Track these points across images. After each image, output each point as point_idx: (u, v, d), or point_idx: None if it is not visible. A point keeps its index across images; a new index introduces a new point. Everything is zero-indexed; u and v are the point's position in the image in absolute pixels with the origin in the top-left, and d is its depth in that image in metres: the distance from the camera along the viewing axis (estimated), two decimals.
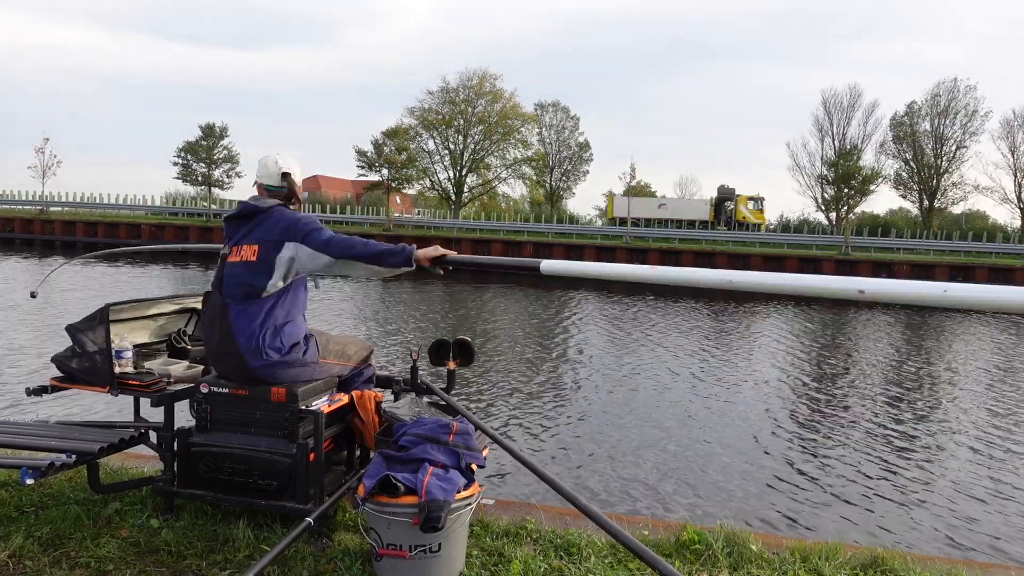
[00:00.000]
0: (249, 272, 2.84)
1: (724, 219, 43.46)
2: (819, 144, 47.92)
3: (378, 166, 47.31)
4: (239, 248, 2.90)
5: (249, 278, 2.83)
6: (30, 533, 2.83)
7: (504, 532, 3.09)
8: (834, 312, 22.71)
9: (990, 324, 21.10)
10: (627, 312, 20.14)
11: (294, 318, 2.91)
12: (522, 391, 9.47)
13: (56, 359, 3.16)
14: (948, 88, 45.00)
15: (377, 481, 2.53)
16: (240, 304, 2.83)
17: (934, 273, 30.35)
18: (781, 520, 5.75)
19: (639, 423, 8.26)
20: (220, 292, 2.89)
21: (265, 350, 2.79)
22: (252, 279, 2.83)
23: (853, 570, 2.89)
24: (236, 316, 2.82)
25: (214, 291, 2.94)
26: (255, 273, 2.83)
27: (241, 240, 2.91)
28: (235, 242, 2.93)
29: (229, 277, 2.88)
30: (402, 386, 3.50)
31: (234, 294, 2.85)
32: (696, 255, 32.61)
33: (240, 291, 2.84)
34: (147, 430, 3.06)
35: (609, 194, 47.98)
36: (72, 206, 42.01)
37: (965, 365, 13.78)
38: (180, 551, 2.74)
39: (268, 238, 2.85)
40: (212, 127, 48.96)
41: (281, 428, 2.83)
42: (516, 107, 50.85)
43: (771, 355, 13.77)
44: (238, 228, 2.95)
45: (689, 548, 2.98)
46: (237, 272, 2.86)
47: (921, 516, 5.96)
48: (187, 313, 3.78)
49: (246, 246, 2.88)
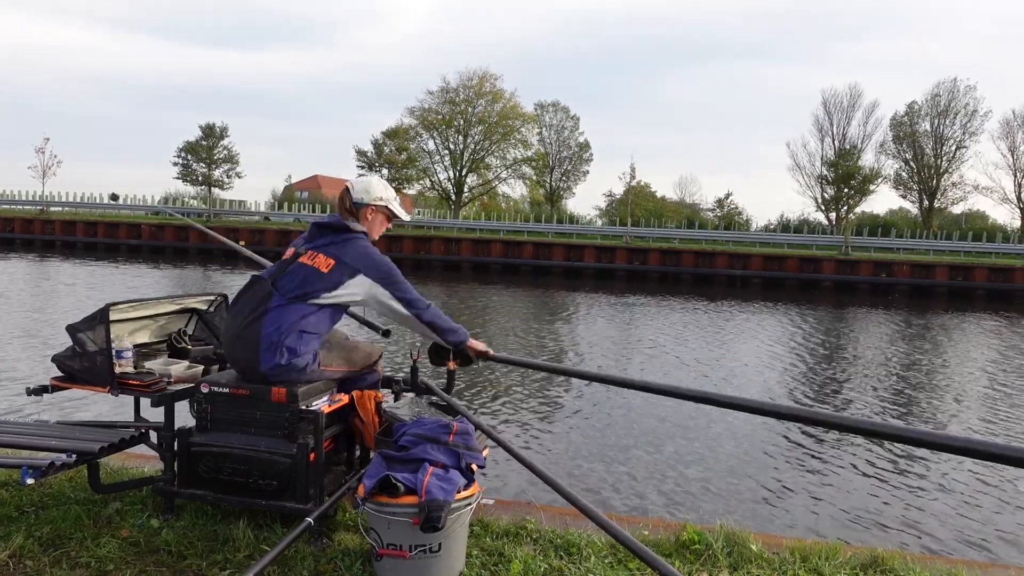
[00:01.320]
0: (315, 278, 2.86)
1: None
2: (819, 144, 48.01)
3: (378, 166, 47.36)
4: (315, 254, 2.92)
5: (312, 282, 2.86)
6: (30, 533, 2.83)
7: (504, 532, 3.09)
8: (834, 311, 22.72)
9: (991, 323, 21.11)
10: (627, 311, 20.14)
11: (320, 332, 2.92)
12: (522, 391, 9.47)
13: (56, 359, 3.16)
14: (948, 88, 45.08)
15: (377, 481, 2.53)
16: (285, 299, 2.85)
17: (934, 273, 30.39)
18: (781, 520, 5.75)
19: (639, 423, 8.26)
20: (273, 284, 2.90)
21: (282, 348, 2.80)
22: (314, 285, 2.85)
23: (853, 570, 2.89)
24: (276, 307, 2.83)
25: (265, 280, 2.93)
26: (319, 281, 2.86)
27: (320, 248, 2.94)
28: (315, 247, 2.95)
29: (292, 273, 2.90)
30: (402, 386, 3.50)
31: (288, 290, 2.86)
32: (696, 255, 32.58)
33: (296, 290, 2.86)
34: (147, 430, 3.06)
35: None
36: (72, 206, 42.02)
37: (966, 364, 13.79)
38: (180, 551, 2.74)
39: (346, 260, 2.89)
40: (212, 127, 49.04)
41: (281, 428, 2.84)
42: (516, 107, 50.89)
43: (772, 354, 13.77)
44: (323, 236, 2.98)
45: (689, 548, 2.98)
46: (303, 272, 2.89)
47: (921, 516, 5.96)
48: (187, 313, 3.78)
49: (323, 256, 2.91)
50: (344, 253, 2.91)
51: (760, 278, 31.14)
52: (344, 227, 2.99)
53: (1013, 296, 28.90)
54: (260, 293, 2.90)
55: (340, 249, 2.92)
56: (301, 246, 3.00)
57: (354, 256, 2.91)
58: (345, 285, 2.87)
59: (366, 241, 3.01)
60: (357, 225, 3.03)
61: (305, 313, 2.84)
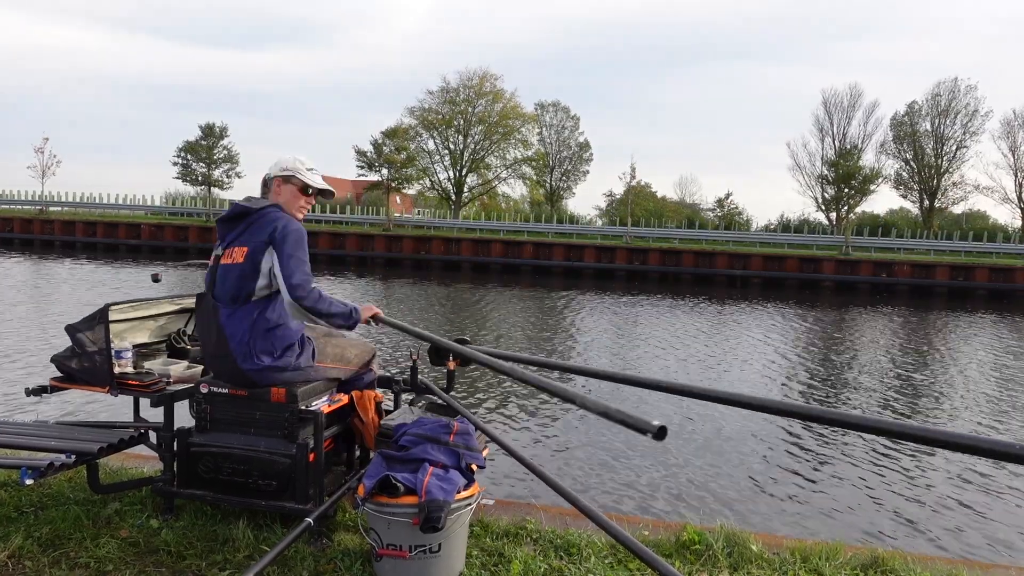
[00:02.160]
0: (238, 275, 2.81)
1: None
2: (819, 144, 47.96)
3: (378, 166, 47.27)
4: (231, 250, 2.87)
5: (238, 281, 2.81)
6: (29, 533, 2.83)
7: (504, 532, 3.09)
8: (834, 311, 22.72)
9: (991, 324, 21.11)
10: (627, 310, 20.14)
11: (286, 321, 2.86)
12: (522, 391, 9.46)
13: (56, 359, 3.16)
14: (948, 88, 45.04)
15: (377, 481, 2.53)
16: (230, 307, 2.81)
17: (935, 273, 30.37)
18: (781, 520, 5.75)
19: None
20: (212, 294, 2.88)
21: (257, 354, 2.78)
22: (240, 282, 2.80)
23: (853, 570, 2.89)
24: (226, 318, 2.81)
25: (206, 293, 2.93)
26: (243, 276, 2.80)
27: (233, 242, 2.89)
28: (227, 244, 2.91)
29: (220, 279, 2.87)
30: (402, 386, 3.50)
31: (224, 296, 2.84)
32: (696, 255, 32.58)
33: (229, 293, 2.82)
34: (147, 430, 3.06)
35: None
36: (71, 206, 41.99)
37: (967, 363, 13.78)
38: (180, 551, 2.74)
39: (256, 239, 2.82)
40: (212, 127, 48.95)
41: (281, 428, 2.83)
42: (516, 107, 50.85)
43: (772, 353, 13.77)
44: (230, 230, 2.93)
45: (689, 548, 2.98)
46: (227, 274, 2.85)
47: (922, 516, 5.96)
48: (187, 313, 3.77)
49: (237, 248, 2.85)
50: (253, 234, 2.83)
51: (760, 278, 31.14)
52: (243, 211, 2.90)
53: (1014, 296, 28.89)
54: (208, 308, 2.88)
55: (250, 232, 2.85)
56: (218, 247, 2.95)
57: (262, 231, 2.82)
58: (262, 266, 2.78)
59: (276, 210, 2.90)
60: (258, 202, 2.94)
61: (256, 312, 2.80)
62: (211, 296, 2.88)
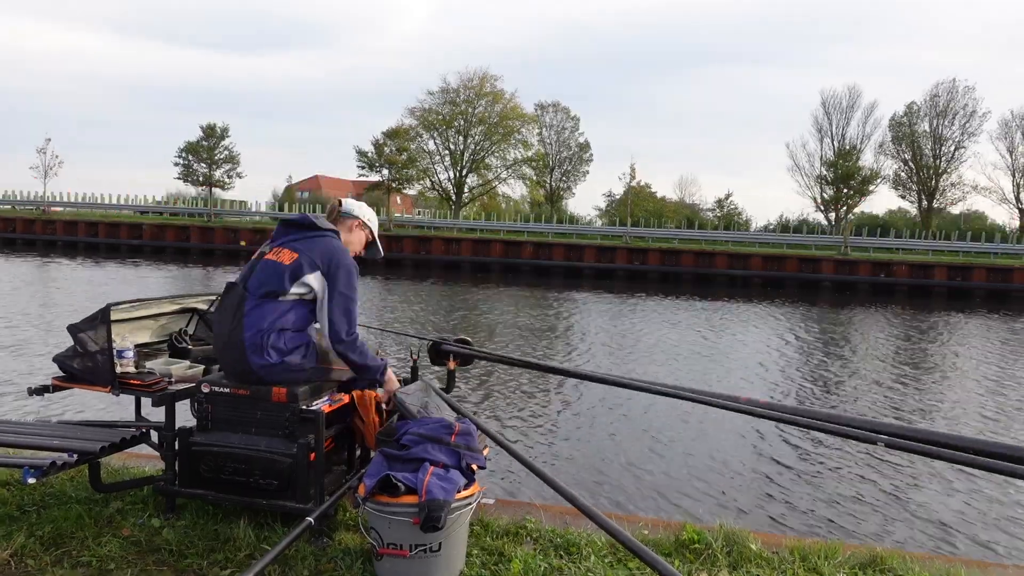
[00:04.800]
0: (277, 272, 2.87)
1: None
2: (818, 144, 48.01)
3: (378, 166, 47.29)
4: (280, 250, 2.95)
5: (276, 278, 2.87)
6: (32, 532, 2.84)
7: (504, 531, 3.10)
8: (835, 310, 22.72)
9: (990, 324, 21.11)
10: (627, 310, 20.14)
11: (302, 328, 2.93)
12: (522, 391, 9.47)
13: (57, 359, 3.16)
14: (947, 89, 45.11)
15: (377, 480, 2.54)
16: (257, 299, 2.86)
17: (933, 273, 30.39)
18: (781, 519, 5.76)
19: (639, 422, 8.27)
20: (244, 286, 2.92)
21: (267, 348, 2.81)
22: (277, 279, 2.86)
23: (852, 569, 2.90)
24: (250, 309, 2.85)
25: (238, 284, 2.96)
26: (282, 275, 2.87)
27: (285, 244, 2.96)
28: (280, 244, 2.97)
29: (259, 272, 2.92)
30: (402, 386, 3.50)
31: (256, 289, 2.88)
32: (696, 255, 32.59)
33: (263, 287, 2.87)
34: (148, 429, 3.07)
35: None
36: (74, 206, 41.99)
37: (967, 363, 13.79)
38: (181, 550, 2.75)
39: (310, 254, 2.90)
40: (213, 128, 48.93)
41: (282, 428, 2.84)
42: (516, 108, 50.89)
43: (771, 353, 13.78)
44: (289, 233, 3.00)
45: (689, 547, 2.99)
46: (267, 269, 2.91)
47: (921, 515, 5.97)
48: (188, 313, 3.79)
49: (287, 250, 2.92)
50: (309, 247, 2.92)
51: (760, 278, 31.15)
52: (311, 224, 3.00)
53: (1011, 296, 28.90)
54: (235, 297, 2.92)
55: (306, 244, 2.94)
56: (267, 245, 3.03)
57: (320, 251, 2.92)
58: (305, 278, 2.87)
59: (337, 240, 3.02)
60: (327, 224, 3.04)
61: (280, 311, 2.85)
62: (243, 287, 2.92)
